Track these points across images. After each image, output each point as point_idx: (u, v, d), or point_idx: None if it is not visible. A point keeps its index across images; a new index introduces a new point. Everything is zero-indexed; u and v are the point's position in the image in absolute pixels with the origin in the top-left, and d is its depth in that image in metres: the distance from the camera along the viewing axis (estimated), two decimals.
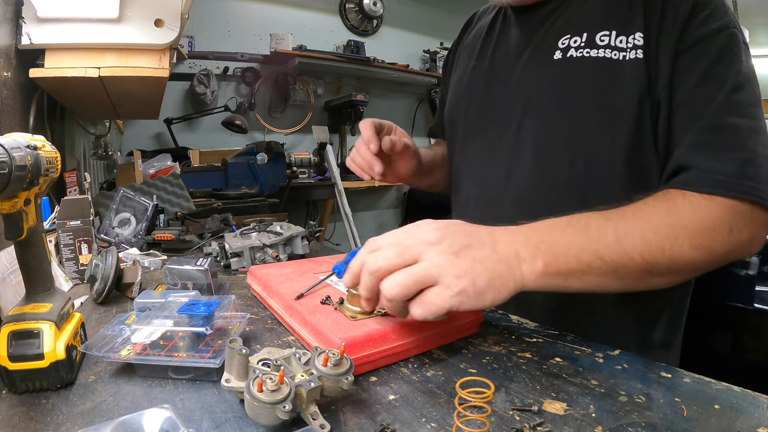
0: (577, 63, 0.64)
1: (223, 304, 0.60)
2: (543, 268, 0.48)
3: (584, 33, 0.65)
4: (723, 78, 0.56)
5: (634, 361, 0.54)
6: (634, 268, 0.50)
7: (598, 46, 0.63)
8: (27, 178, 0.45)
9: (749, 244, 0.54)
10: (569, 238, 0.49)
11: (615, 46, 0.62)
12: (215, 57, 3.25)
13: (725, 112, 0.55)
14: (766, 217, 0.54)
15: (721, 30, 0.57)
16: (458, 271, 0.45)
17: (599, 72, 0.62)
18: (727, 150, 0.54)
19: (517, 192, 0.72)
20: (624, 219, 0.51)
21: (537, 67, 0.70)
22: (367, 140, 0.73)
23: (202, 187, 2.28)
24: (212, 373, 0.49)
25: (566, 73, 0.65)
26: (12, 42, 0.99)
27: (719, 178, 0.53)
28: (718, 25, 0.57)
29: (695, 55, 0.57)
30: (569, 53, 0.65)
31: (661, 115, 0.60)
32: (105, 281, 0.75)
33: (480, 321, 0.64)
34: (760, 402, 0.44)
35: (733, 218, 0.52)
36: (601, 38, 0.63)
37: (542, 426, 0.40)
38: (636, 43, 0.60)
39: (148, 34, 1.04)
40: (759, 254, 1.36)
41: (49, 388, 0.47)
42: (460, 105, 0.85)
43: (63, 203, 0.90)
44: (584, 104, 0.64)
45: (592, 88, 0.63)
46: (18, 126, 1.03)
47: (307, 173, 3.20)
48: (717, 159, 0.54)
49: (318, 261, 0.87)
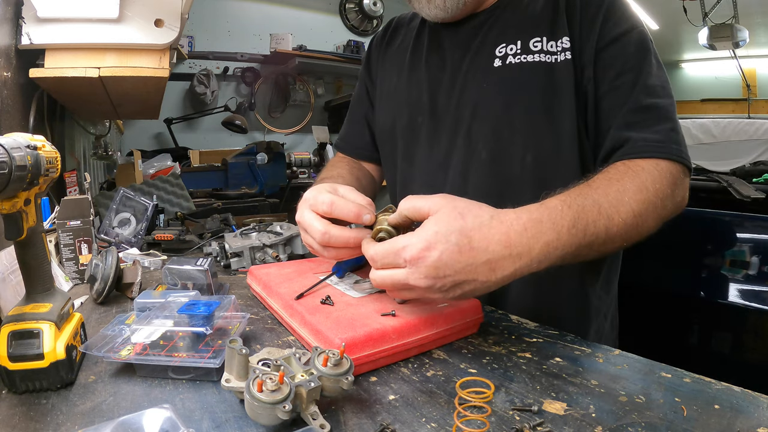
0: (516, 68, 0.72)
1: (223, 304, 0.60)
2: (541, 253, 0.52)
3: (518, 41, 0.73)
4: (638, 67, 0.67)
5: (634, 361, 0.54)
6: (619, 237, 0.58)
7: (533, 52, 0.71)
8: (27, 178, 0.45)
9: (682, 201, 0.64)
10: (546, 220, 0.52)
11: (547, 51, 0.70)
12: (215, 57, 3.26)
13: (645, 95, 0.66)
14: (688, 178, 0.65)
15: (631, 29, 0.69)
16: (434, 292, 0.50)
17: (537, 75, 0.71)
18: (655, 124, 0.65)
19: (476, 191, 0.76)
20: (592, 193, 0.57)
21: (479, 75, 0.76)
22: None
23: (202, 187, 2.28)
24: (212, 373, 0.49)
25: (507, 78, 0.73)
26: (12, 42, 0.99)
27: (655, 145, 0.63)
28: (628, 25, 0.69)
29: (613, 52, 0.68)
30: (508, 60, 0.73)
31: (589, 105, 0.69)
32: (105, 281, 0.75)
33: (480, 321, 0.64)
34: (760, 402, 0.44)
35: (672, 177, 0.62)
36: (534, 44, 0.72)
37: (542, 426, 0.40)
38: (564, 46, 0.70)
39: (148, 34, 1.04)
40: (759, 254, 1.36)
41: (49, 388, 0.47)
42: (401, 115, 0.87)
43: (63, 203, 0.90)
44: (528, 105, 0.72)
45: (533, 90, 0.71)
46: (18, 126, 1.03)
47: (307, 173, 3.20)
48: (649, 131, 0.64)
49: (318, 261, 0.87)
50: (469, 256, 0.47)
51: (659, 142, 0.64)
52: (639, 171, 0.61)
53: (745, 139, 2.92)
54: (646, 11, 5.41)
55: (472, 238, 0.48)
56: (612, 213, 0.56)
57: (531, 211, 0.52)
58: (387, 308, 0.60)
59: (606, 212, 0.55)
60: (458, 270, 0.48)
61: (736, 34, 4.84)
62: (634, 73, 0.67)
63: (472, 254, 0.48)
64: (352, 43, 3.61)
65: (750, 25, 5.03)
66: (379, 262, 0.51)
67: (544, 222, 0.51)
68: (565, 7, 0.70)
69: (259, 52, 3.39)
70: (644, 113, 0.66)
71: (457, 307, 0.61)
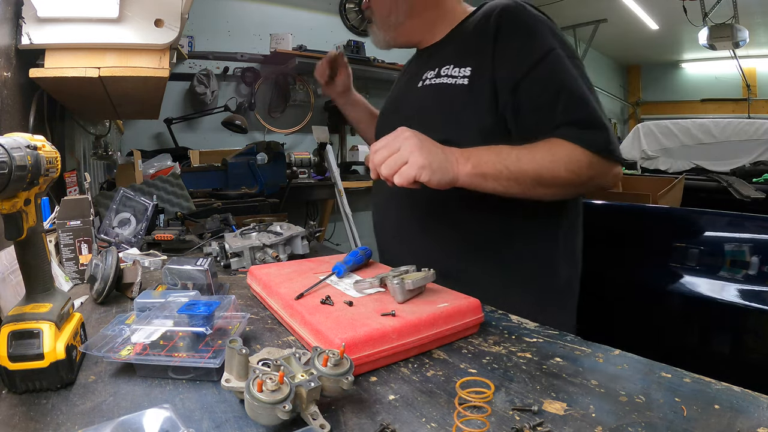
0: (428, 88, 0.94)
1: (223, 304, 0.60)
2: (471, 169, 0.77)
3: (437, 68, 0.93)
4: (561, 85, 0.81)
5: (634, 361, 0.54)
6: (528, 179, 0.78)
7: (441, 76, 0.91)
8: (27, 178, 0.45)
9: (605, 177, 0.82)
10: (488, 156, 0.79)
11: (450, 75, 0.90)
12: (215, 57, 3.25)
13: (568, 112, 0.80)
14: (616, 167, 0.83)
15: (546, 54, 0.82)
16: (420, 156, 0.73)
17: (440, 93, 0.91)
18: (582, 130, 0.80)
19: None
20: (523, 149, 0.79)
21: (411, 93, 1.01)
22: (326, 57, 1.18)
23: (202, 187, 2.28)
24: (212, 373, 0.49)
25: (423, 95, 0.95)
26: (12, 42, 0.99)
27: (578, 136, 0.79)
28: (542, 52, 0.82)
29: (533, 78, 0.82)
30: (426, 82, 0.95)
31: (510, 124, 0.85)
32: (105, 281, 0.75)
33: (480, 321, 0.64)
34: (760, 402, 0.44)
35: (592, 161, 0.79)
36: (443, 71, 0.91)
37: (542, 426, 0.40)
38: (465, 74, 0.88)
39: (148, 34, 1.04)
40: (759, 254, 1.36)
41: (49, 388, 0.47)
42: (380, 121, 1.18)
43: (63, 203, 0.90)
44: (443, 115, 0.91)
45: (438, 104, 0.92)
46: (18, 126, 1.03)
47: (307, 173, 3.20)
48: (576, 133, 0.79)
49: (318, 261, 0.87)
50: (432, 145, 0.76)
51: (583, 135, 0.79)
52: (558, 144, 0.79)
53: (745, 139, 2.92)
54: (646, 11, 5.42)
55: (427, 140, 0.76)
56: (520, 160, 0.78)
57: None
58: (387, 308, 0.60)
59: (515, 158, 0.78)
60: (430, 149, 0.75)
61: (736, 34, 4.83)
62: (553, 94, 0.81)
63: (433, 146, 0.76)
64: (352, 43, 3.60)
65: (750, 25, 5.03)
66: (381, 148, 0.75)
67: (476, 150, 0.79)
68: (488, 43, 0.86)
69: (259, 52, 3.39)
70: (569, 127, 0.80)
71: (457, 307, 0.61)
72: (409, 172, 0.72)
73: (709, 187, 2.42)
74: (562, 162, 0.78)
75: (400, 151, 0.74)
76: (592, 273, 1.73)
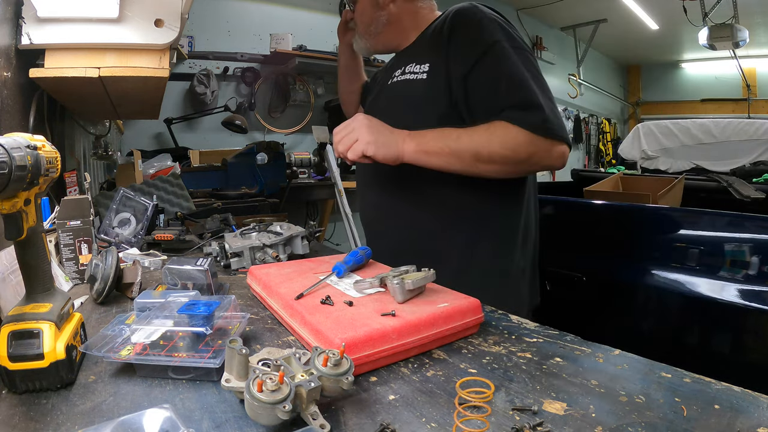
0: (396, 84, 1.06)
1: (223, 304, 0.60)
2: (414, 146, 0.90)
3: (403, 66, 1.05)
4: (503, 72, 0.89)
5: (634, 361, 0.54)
6: (467, 155, 0.88)
7: (406, 73, 1.03)
8: (27, 178, 0.45)
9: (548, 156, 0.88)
10: (431, 135, 0.90)
11: (412, 72, 1.01)
12: (215, 57, 3.25)
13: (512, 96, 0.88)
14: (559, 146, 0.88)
15: (491, 46, 0.90)
16: (368, 135, 0.88)
17: (404, 87, 1.03)
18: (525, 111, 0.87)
19: None
20: (465, 130, 0.89)
21: (384, 89, 1.13)
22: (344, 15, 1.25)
23: (202, 187, 2.28)
24: (212, 373, 0.49)
25: (392, 90, 1.08)
26: (12, 42, 0.99)
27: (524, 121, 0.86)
28: (487, 45, 0.90)
29: (479, 69, 0.90)
30: (395, 79, 1.07)
31: (462, 107, 0.94)
32: (105, 281, 0.75)
33: (480, 321, 0.64)
34: (760, 402, 0.44)
35: (530, 139, 0.86)
36: (407, 68, 1.03)
37: (542, 426, 0.40)
38: (423, 69, 0.99)
39: (148, 34, 1.04)
40: (759, 254, 1.36)
41: (49, 388, 0.47)
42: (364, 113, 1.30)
43: (63, 203, 0.90)
44: (405, 106, 1.03)
45: (404, 97, 1.03)
46: (18, 126, 1.03)
47: (307, 173, 3.20)
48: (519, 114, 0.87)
49: (318, 261, 0.87)
50: (379, 126, 0.91)
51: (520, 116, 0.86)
52: (498, 125, 0.87)
53: (745, 139, 2.92)
54: (646, 11, 5.42)
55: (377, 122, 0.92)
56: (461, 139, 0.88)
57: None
58: (387, 308, 0.60)
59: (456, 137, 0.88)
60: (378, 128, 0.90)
61: (736, 34, 4.83)
62: (496, 82, 0.89)
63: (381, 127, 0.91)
64: None
65: (750, 25, 5.03)
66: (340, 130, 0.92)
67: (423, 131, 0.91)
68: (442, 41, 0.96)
69: (259, 52, 3.39)
70: (510, 110, 0.87)
71: (457, 307, 0.61)
72: (358, 147, 0.88)
73: (709, 187, 2.41)
74: (498, 140, 0.87)
75: (353, 131, 0.90)
76: (592, 273, 1.73)
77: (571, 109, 6.65)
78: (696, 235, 1.54)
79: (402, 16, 1.09)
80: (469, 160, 0.88)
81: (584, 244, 1.84)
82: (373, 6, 1.09)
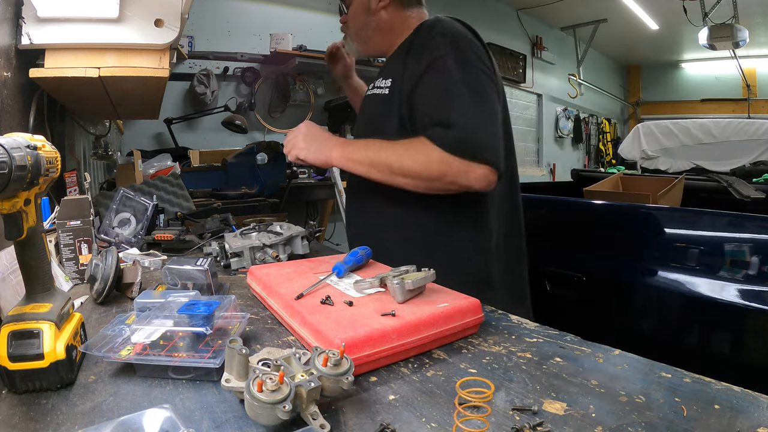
0: (367, 97, 1.15)
1: (223, 304, 0.60)
2: (340, 154, 1.00)
3: (376, 80, 1.11)
4: (439, 89, 0.92)
5: (634, 361, 0.54)
6: (383, 166, 0.95)
7: (375, 87, 1.10)
8: (27, 178, 0.45)
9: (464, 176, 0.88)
10: (359, 145, 1.02)
11: (379, 86, 1.07)
12: (215, 57, 3.25)
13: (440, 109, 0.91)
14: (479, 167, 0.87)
15: (432, 63, 0.93)
16: (302, 142, 1.03)
17: (370, 103, 1.12)
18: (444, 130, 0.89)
19: None
20: (389, 143, 0.95)
21: (364, 101, 1.20)
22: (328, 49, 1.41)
23: (202, 187, 2.28)
24: (212, 373, 0.49)
25: (365, 103, 1.18)
26: (12, 42, 0.99)
27: (439, 139, 0.88)
28: (429, 60, 0.93)
29: (421, 86, 0.95)
30: (368, 92, 1.15)
31: (408, 124, 0.98)
32: (105, 281, 0.75)
33: (480, 321, 0.64)
34: (760, 402, 0.44)
35: (444, 157, 0.88)
36: (377, 83, 1.09)
37: (542, 426, 0.40)
38: (387, 85, 1.04)
39: (148, 34, 1.04)
40: (759, 254, 1.36)
41: (49, 388, 0.47)
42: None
43: (63, 203, 0.90)
44: (369, 121, 1.14)
45: (374, 109, 1.11)
46: (18, 126, 1.03)
47: (307, 173, 3.20)
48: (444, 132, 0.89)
49: (318, 261, 0.87)
50: (315, 134, 1.05)
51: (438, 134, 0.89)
52: (418, 140, 0.91)
53: (745, 139, 2.92)
54: (646, 11, 5.42)
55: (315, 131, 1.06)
56: (380, 151, 0.95)
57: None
58: (387, 308, 0.60)
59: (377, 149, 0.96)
60: (313, 136, 1.04)
61: (736, 34, 4.83)
62: (430, 99, 0.93)
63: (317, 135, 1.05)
64: None
65: (750, 25, 5.03)
66: (288, 135, 1.07)
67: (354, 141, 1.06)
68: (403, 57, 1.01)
69: (259, 52, 3.39)
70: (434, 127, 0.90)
71: (457, 307, 0.61)
72: (293, 152, 1.04)
73: (709, 187, 2.42)
74: (412, 155, 0.91)
75: (295, 137, 1.05)
76: (592, 273, 1.73)
77: (571, 109, 6.65)
78: (696, 235, 1.54)
79: (392, 23, 1.11)
80: (385, 171, 0.94)
81: (584, 244, 1.84)
82: (365, 11, 1.11)
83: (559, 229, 1.90)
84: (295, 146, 1.03)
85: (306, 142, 1.03)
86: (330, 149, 1.01)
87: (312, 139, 1.03)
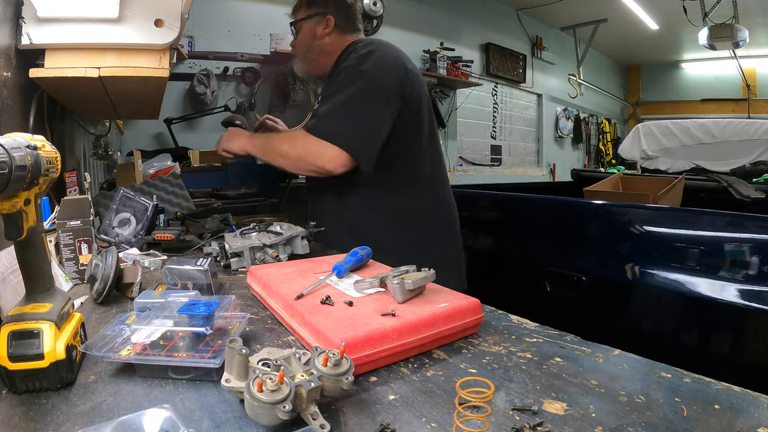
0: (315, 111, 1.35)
1: (223, 304, 0.60)
2: (247, 144, 1.33)
3: (319, 98, 1.33)
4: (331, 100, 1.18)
5: (634, 361, 0.54)
6: (270, 149, 1.29)
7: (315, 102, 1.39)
8: (27, 178, 0.45)
9: (321, 156, 1.15)
10: (260, 137, 1.39)
11: (315, 104, 1.34)
12: (215, 57, 3.25)
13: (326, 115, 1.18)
14: (330, 149, 1.14)
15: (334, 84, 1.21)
16: (224, 141, 1.39)
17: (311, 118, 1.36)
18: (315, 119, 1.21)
19: None
20: (279, 134, 1.46)
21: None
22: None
23: (202, 187, 2.28)
24: (212, 373, 0.49)
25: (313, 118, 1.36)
26: (12, 42, 0.99)
27: (310, 126, 1.19)
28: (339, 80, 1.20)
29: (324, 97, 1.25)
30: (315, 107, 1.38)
31: None
32: (105, 281, 0.75)
33: (480, 321, 0.64)
34: (760, 402, 0.44)
35: (306, 138, 1.18)
36: (318, 100, 1.32)
37: (542, 426, 0.40)
38: (315, 105, 1.27)
39: (148, 34, 1.04)
40: (759, 254, 1.36)
41: (49, 388, 0.47)
42: None
43: (63, 203, 0.90)
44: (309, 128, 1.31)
45: (310, 122, 1.27)
46: (18, 126, 1.03)
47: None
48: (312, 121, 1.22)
49: (318, 261, 0.87)
50: (235, 133, 1.41)
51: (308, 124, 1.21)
52: (294, 132, 1.35)
53: (745, 139, 2.92)
54: (646, 11, 5.42)
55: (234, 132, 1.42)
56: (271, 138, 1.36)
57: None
58: (387, 308, 0.60)
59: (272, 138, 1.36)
60: (233, 134, 1.41)
61: (736, 34, 4.83)
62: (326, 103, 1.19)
63: (236, 133, 1.41)
64: None
65: (750, 25, 5.03)
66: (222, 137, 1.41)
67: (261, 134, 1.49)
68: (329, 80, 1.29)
69: (259, 52, 3.39)
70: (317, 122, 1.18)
71: (457, 307, 0.61)
72: (221, 145, 1.37)
73: (709, 187, 2.42)
74: (287, 140, 1.27)
75: (222, 138, 1.39)
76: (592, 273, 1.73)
77: (571, 109, 6.65)
78: (696, 235, 1.54)
79: (333, 47, 1.32)
80: (271, 152, 1.27)
81: (584, 244, 1.84)
82: (312, 37, 1.33)
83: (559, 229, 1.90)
84: (221, 141, 1.37)
85: (227, 138, 1.37)
86: (242, 140, 1.34)
87: (232, 135, 1.38)
